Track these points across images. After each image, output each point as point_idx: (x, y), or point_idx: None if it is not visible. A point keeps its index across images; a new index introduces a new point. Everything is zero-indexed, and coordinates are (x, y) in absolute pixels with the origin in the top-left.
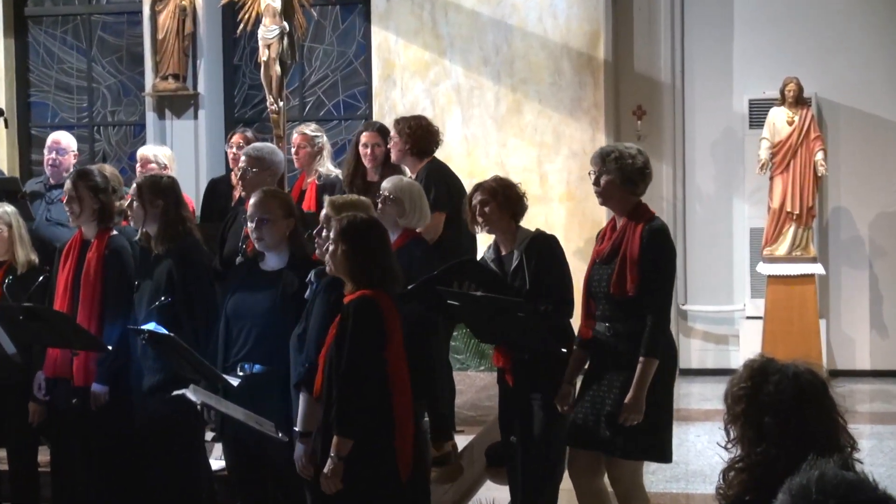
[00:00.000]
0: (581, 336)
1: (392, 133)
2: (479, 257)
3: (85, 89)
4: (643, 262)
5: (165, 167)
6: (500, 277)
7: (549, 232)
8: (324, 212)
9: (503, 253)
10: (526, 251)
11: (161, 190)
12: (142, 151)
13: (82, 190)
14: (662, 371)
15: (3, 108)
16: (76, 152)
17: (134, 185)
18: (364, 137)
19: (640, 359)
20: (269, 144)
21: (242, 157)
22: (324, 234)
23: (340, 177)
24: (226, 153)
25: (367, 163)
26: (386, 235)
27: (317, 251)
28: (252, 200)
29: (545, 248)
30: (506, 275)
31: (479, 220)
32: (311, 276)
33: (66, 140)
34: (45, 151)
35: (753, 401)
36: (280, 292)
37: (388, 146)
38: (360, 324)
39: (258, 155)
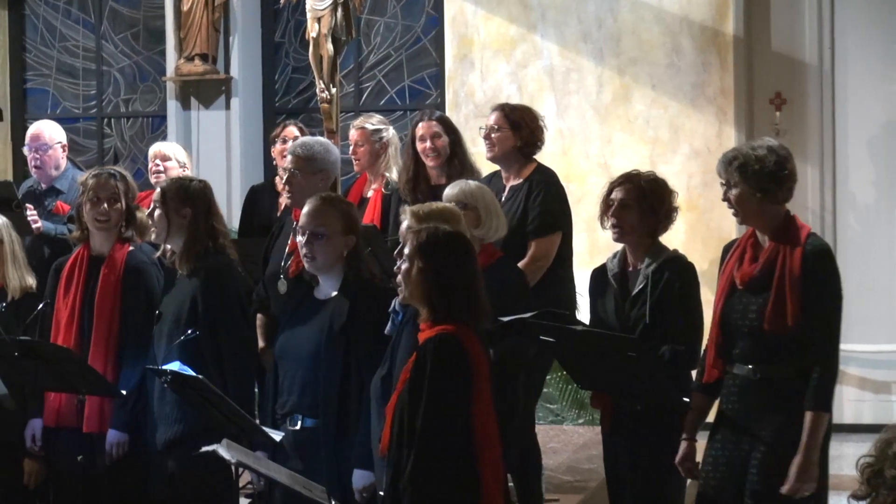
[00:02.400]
0: (705, 379)
1: (494, 121)
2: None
3: (93, 73)
4: (807, 291)
5: (185, 167)
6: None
7: None
8: (404, 225)
9: (629, 268)
10: (654, 275)
11: (190, 196)
12: (157, 147)
13: (121, 192)
14: None
15: None
16: (64, 142)
17: (157, 189)
18: (420, 129)
19: (808, 413)
20: (320, 139)
21: (288, 157)
22: (406, 251)
23: None
24: (267, 152)
25: (428, 161)
26: (474, 254)
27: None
28: (306, 209)
29: (681, 275)
30: (626, 296)
31: (614, 223)
32: (395, 304)
33: (47, 131)
34: (25, 150)
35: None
36: (327, 325)
37: (451, 138)
38: (440, 369)
39: (308, 153)
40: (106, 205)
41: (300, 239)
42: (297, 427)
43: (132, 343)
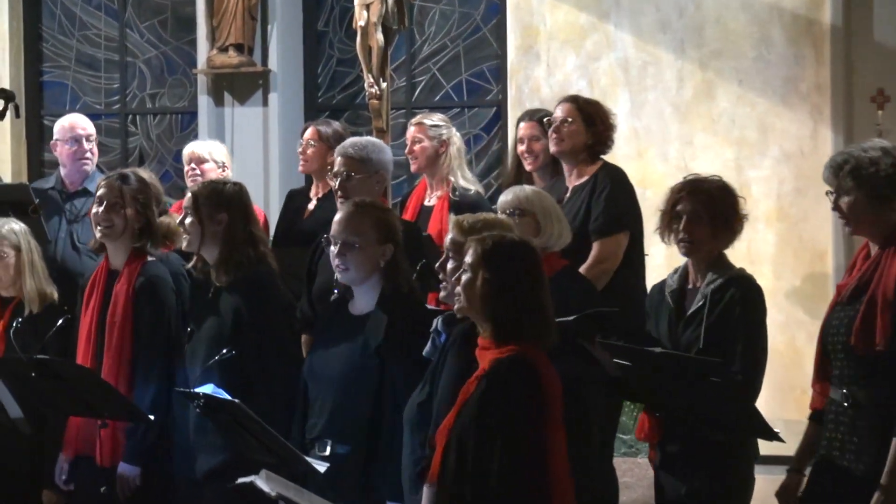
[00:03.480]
0: (811, 405)
1: (565, 112)
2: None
3: (116, 65)
4: None
5: (225, 166)
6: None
7: (753, 265)
8: (448, 237)
9: (689, 286)
10: (714, 294)
11: (225, 200)
12: (191, 148)
13: (127, 198)
14: None
15: (11, 90)
16: (94, 134)
17: (188, 194)
18: (521, 130)
19: (894, 440)
20: (372, 139)
21: (338, 159)
22: (449, 266)
23: (481, 191)
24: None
25: (526, 165)
26: (542, 266)
27: (441, 292)
28: (338, 216)
29: (744, 296)
30: (682, 314)
31: (683, 237)
32: (438, 323)
33: (82, 121)
34: (66, 144)
35: None
36: (360, 344)
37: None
38: (516, 395)
39: (362, 154)
40: (109, 210)
41: (332, 249)
42: (326, 453)
43: (143, 364)
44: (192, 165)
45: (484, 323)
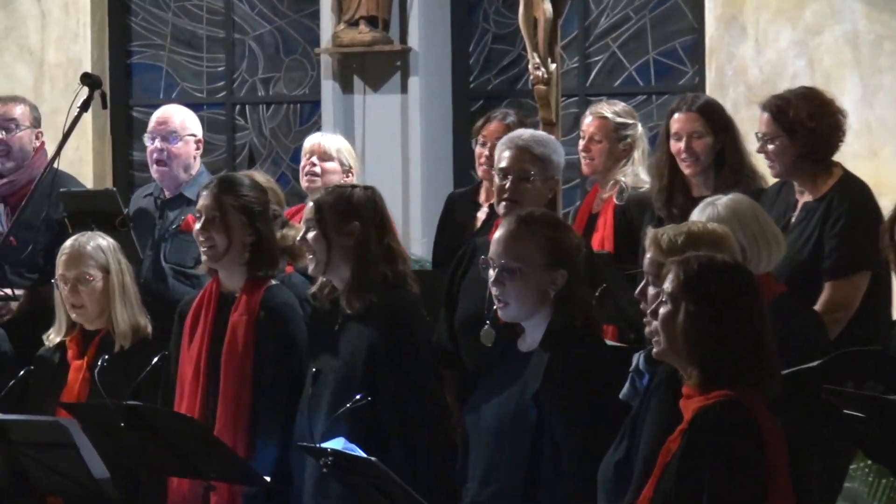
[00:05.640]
0: None
1: (765, 128)
2: None
3: (221, 43)
4: None
5: (350, 173)
6: None
7: None
8: (648, 256)
9: None
10: None
11: (354, 208)
12: (316, 139)
13: (229, 210)
14: None
15: (97, 75)
16: (199, 136)
17: (310, 203)
18: (675, 122)
19: None
20: (547, 135)
21: (508, 153)
22: (650, 291)
23: None
24: (458, 149)
25: (684, 167)
26: (761, 295)
27: (646, 327)
28: (498, 233)
29: None
30: None
31: None
32: (639, 361)
33: (178, 116)
34: (147, 140)
35: None
36: (519, 389)
37: (717, 138)
38: (727, 450)
39: (545, 152)
40: (207, 227)
41: (490, 273)
42: None
43: (267, 413)
44: (314, 160)
45: (688, 367)
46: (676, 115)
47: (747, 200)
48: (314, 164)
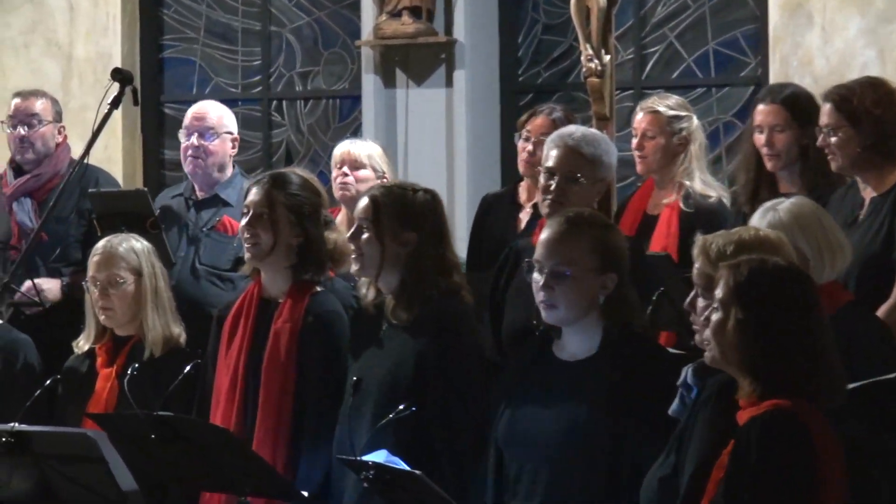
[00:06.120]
0: None
1: (828, 119)
2: None
3: (257, 36)
4: None
5: (384, 178)
6: None
7: None
8: (696, 266)
9: None
10: None
11: (415, 217)
12: (345, 147)
13: (278, 207)
14: None
15: (128, 70)
16: (235, 134)
17: (366, 200)
18: (758, 115)
19: None
20: (600, 133)
21: (555, 152)
22: (699, 303)
23: (726, 200)
24: (506, 146)
25: (767, 163)
26: (820, 300)
27: (696, 336)
28: (545, 234)
29: None
30: None
31: None
32: (687, 374)
33: (215, 112)
34: (182, 136)
35: None
36: (583, 400)
37: (801, 131)
38: (776, 461)
39: (595, 153)
40: (254, 223)
41: (536, 277)
42: None
43: (314, 425)
44: (345, 170)
45: (741, 376)
46: (760, 107)
47: (811, 205)
48: (346, 175)
